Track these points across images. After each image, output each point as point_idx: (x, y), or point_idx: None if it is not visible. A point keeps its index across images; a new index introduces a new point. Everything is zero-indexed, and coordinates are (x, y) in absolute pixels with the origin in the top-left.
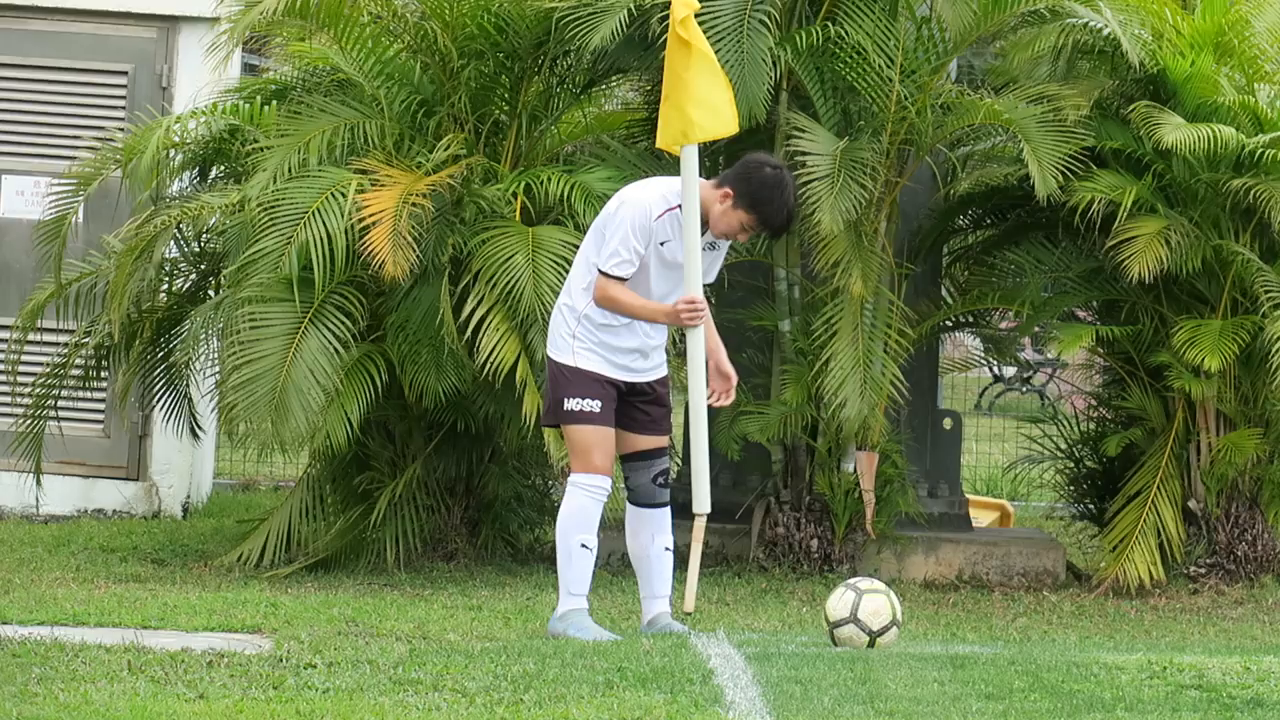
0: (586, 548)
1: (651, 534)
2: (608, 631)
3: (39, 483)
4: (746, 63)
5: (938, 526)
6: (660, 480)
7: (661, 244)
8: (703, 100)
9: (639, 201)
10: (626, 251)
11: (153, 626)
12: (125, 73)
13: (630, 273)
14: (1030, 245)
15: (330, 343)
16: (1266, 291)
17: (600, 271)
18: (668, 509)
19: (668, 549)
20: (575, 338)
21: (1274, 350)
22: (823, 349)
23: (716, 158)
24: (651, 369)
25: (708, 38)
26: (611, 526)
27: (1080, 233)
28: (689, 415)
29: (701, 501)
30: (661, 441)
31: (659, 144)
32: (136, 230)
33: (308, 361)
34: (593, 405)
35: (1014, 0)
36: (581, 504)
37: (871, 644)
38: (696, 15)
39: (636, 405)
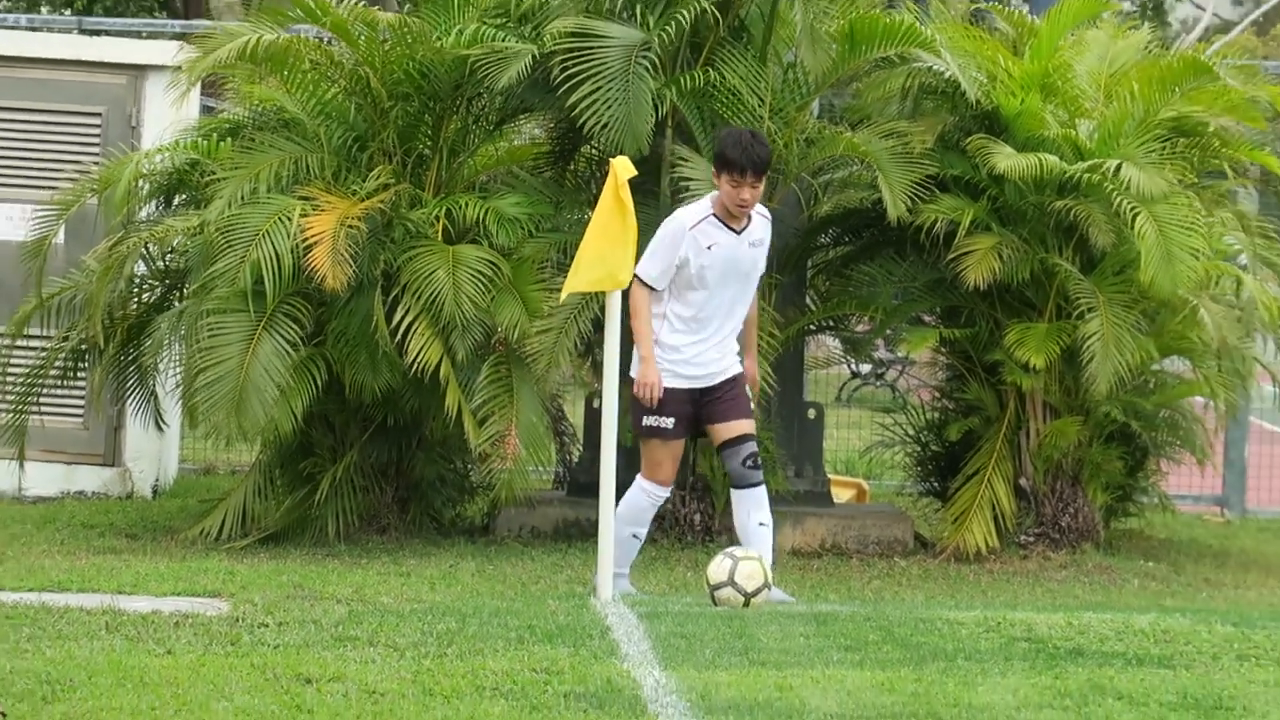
0: (636, 538)
1: (748, 511)
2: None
3: (22, 467)
4: (632, 101)
5: (803, 502)
6: (749, 462)
7: (708, 247)
8: (625, 256)
9: (674, 218)
10: (656, 263)
11: (127, 592)
12: (100, 114)
13: (660, 284)
14: (882, 259)
15: (282, 346)
16: (1083, 298)
17: (635, 276)
18: (762, 487)
19: (762, 524)
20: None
21: (1086, 348)
22: None
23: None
24: (723, 369)
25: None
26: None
27: (925, 248)
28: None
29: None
30: (745, 426)
31: (582, 288)
32: (110, 250)
33: (263, 362)
34: (666, 422)
35: (867, 48)
36: (639, 503)
37: (747, 604)
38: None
39: (718, 396)
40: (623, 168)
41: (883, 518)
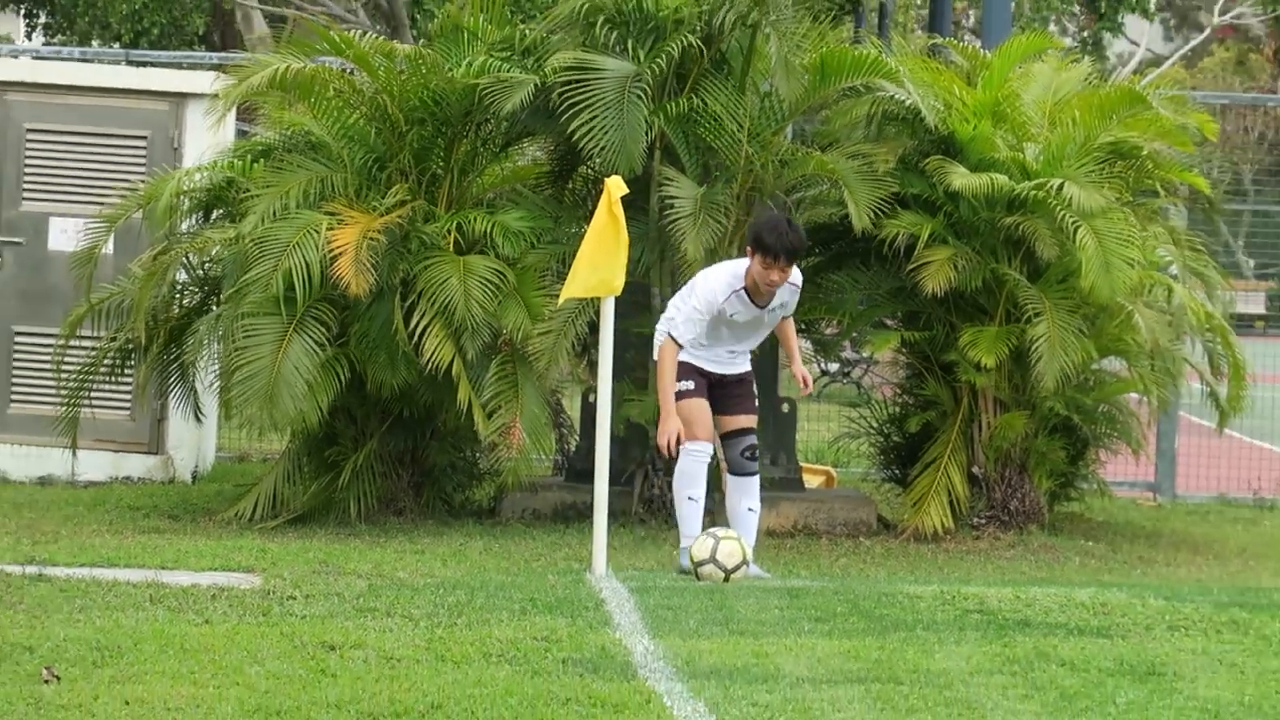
0: (693, 500)
1: (740, 496)
2: None
3: (75, 454)
4: (626, 127)
5: (778, 488)
6: (748, 454)
7: (731, 315)
8: (618, 266)
9: (708, 289)
10: (690, 329)
11: (169, 567)
12: (145, 137)
13: (688, 341)
14: (849, 269)
15: (310, 346)
16: (1030, 304)
17: (669, 335)
18: (755, 477)
19: (751, 509)
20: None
21: (1034, 349)
22: None
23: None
24: (734, 367)
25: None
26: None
27: (888, 259)
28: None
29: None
30: (749, 421)
31: (578, 294)
32: (154, 259)
33: (293, 361)
34: (688, 384)
35: (837, 78)
36: (684, 466)
37: (727, 579)
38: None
39: (728, 391)
40: (616, 186)
41: (849, 501)
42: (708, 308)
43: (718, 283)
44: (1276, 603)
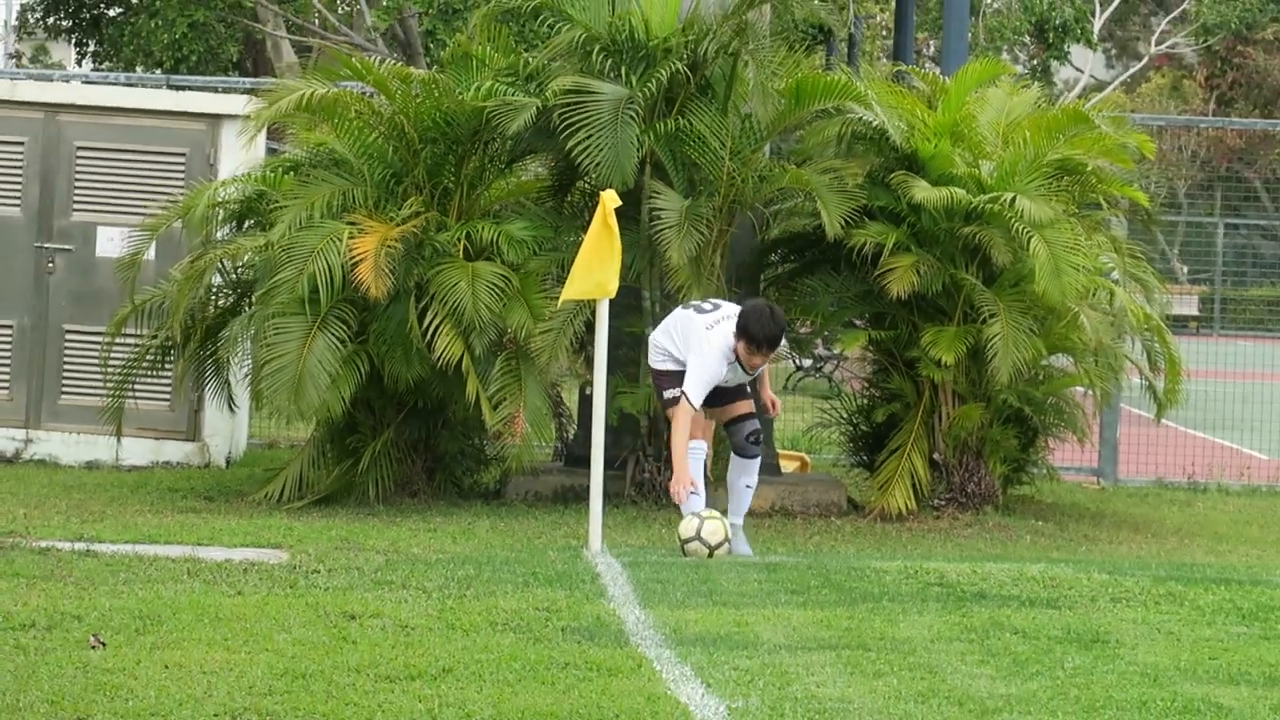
0: (695, 493)
1: (740, 474)
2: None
3: (119, 441)
4: (619, 146)
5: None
6: (752, 438)
7: (726, 378)
8: (612, 271)
9: (714, 360)
10: (702, 393)
11: (205, 544)
12: (184, 154)
13: (700, 402)
14: (822, 274)
15: (333, 343)
16: (986, 306)
17: (686, 398)
18: (756, 459)
19: (748, 486)
20: (674, 359)
21: (989, 346)
22: None
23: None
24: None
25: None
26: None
27: (857, 265)
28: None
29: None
30: (747, 406)
31: (575, 296)
32: (191, 264)
33: (317, 356)
34: (677, 392)
35: (810, 101)
36: None
37: (710, 555)
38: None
39: (724, 387)
40: (610, 199)
41: (821, 485)
42: (714, 378)
43: (716, 357)
44: (1209, 577)
